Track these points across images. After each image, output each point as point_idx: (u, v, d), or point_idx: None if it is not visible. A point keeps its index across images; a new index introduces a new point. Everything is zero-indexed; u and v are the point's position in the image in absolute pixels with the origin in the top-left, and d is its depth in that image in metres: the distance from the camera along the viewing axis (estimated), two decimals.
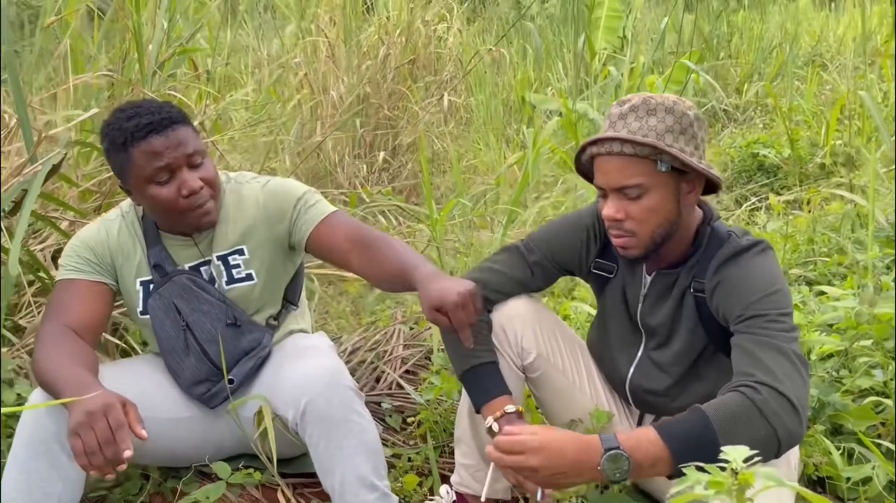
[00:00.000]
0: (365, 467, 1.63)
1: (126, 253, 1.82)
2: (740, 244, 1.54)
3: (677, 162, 1.49)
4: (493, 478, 1.61)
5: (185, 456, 1.88)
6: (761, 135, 4.64)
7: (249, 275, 1.84)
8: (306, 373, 1.67)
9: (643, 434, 1.30)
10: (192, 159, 1.70)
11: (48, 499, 1.60)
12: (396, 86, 4.97)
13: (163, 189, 1.69)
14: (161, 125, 1.66)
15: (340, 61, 4.89)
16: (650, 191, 1.50)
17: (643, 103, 1.51)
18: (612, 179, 1.51)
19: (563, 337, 1.78)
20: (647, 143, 1.46)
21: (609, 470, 1.27)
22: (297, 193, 1.84)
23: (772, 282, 1.47)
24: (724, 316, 1.50)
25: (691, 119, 1.52)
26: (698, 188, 1.56)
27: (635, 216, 1.52)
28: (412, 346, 2.45)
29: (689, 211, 1.58)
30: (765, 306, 1.43)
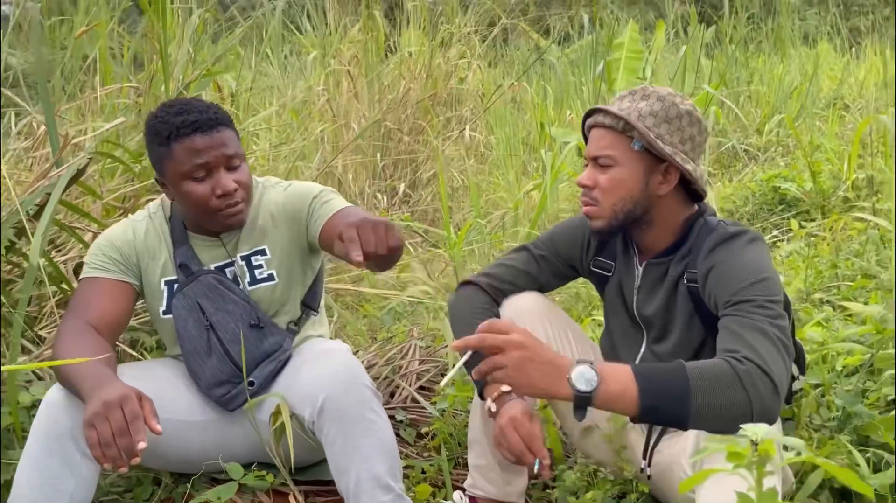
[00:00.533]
0: (381, 467, 1.61)
1: (152, 253, 1.83)
2: (729, 230, 1.59)
3: (646, 142, 1.57)
4: (459, 371, 1.58)
5: (198, 460, 1.86)
6: (783, 170, 4.61)
7: (271, 275, 1.85)
8: (324, 372, 1.67)
9: (619, 366, 1.36)
10: (231, 161, 1.73)
11: (60, 495, 1.59)
12: (417, 120, 5.03)
13: (198, 186, 1.71)
14: (207, 124, 1.69)
15: (362, 95, 4.97)
16: (619, 165, 1.61)
17: (642, 90, 1.63)
18: (591, 147, 1.64)
19: (575, 336, 1.78)
20: (621, 117, 1.58)
21: (576, 380, 1.31)
22: (314, 192, 1.86)
23: (761, 270, 1.51)
24: (714, 301, 1.54)
25: (681, 111, 1.60)
26: (673, 180, 1.61)
27: (601, 185, 1.62)
28: (428, 362, 2.44)
29: (665, 201, 1.63)
30: (753, 292, 1.47)
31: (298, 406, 1.70)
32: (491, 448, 1.73)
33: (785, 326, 1.44)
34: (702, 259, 1.58)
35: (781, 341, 1.41)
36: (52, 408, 1.62)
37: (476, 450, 1.76)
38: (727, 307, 1.48)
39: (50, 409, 1.62)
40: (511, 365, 1.31)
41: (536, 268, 1.81)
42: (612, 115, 1.60)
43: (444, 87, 5.14)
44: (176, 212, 1.86)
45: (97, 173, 2.52)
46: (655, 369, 1.37)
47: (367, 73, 4.88)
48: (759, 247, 1.58)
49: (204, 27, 2.82)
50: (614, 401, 1.33)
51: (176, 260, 1.83)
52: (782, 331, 1.42)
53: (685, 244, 1.64)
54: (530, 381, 1.32)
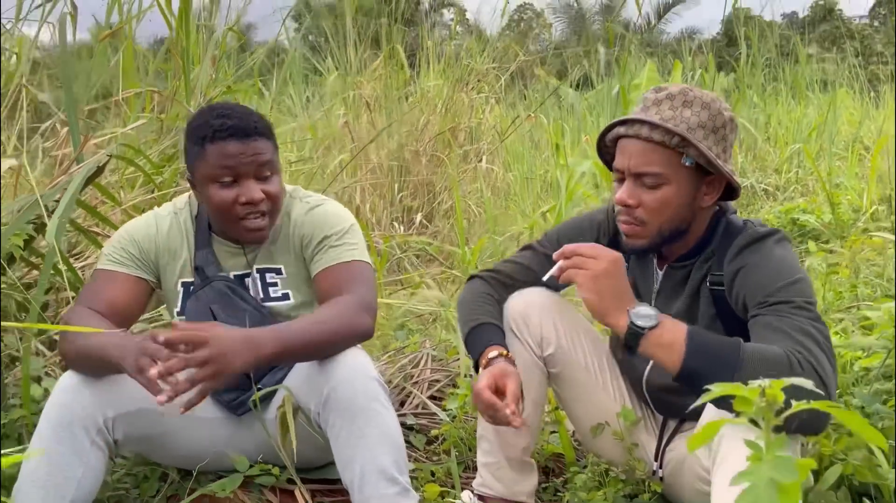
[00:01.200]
0: (386, 459, 1.57)
1: (173, 251, 1.81)
2: (758, 231, 1.51)
3: (703, 159, 1.47)
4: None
5: (206, 457, 1.84)
6: (801, 202, 4.60)
7: (286, 294, 1.82)
8: (331, 364, 1.64)
9: (678, 322, 1.40)
10: (261, 171, 1.69)
11: (68, 482, 1.59)
12: (435, 153, 5.09)
13: (223, 191, 1.68)
14: (244, 132, 1.67)
15: (381, 126, 5.04)
16: (669, 183, 1.49)
17: (681, 93, 1.50)
18: (634, 163, 1.50)
19: (586, 334, 1.74)
20: (677, 133, 1.45)
21: (636, 315, 1.38)
22: (329, 228, 1.78)
23: (795, 270, 1.45)
24: (744, 303, 1.46)
25: (725, 120, 1.51)
26: (717, 191, 1.54)
27: (648, 205, 1.50)
28: (439, 371, 2.42)
29: (702, 213, 1.56)
30: (790, 293, 1.40)
31: (305, 399, 1.67)
32: (500, 444, 1.70)
33: (826, 330, 1.38)
34: (728, 261, 1.51)
35: (828, 345, 1.34)
36: (64, 395, 1.61)
37: (484, 446, 1.73)
38: (762, 307, 1.41)
39: (61, 396, 1.61)
40: (593, 271, 1.39)
41: (540, 266, 1.72)
42: (664, 129, 1.46)
43: (463, 122, 5.21)
44: (202, 212, 1.83)
45: (118, 183, 2.56)
46: (711, 336, 1.38)
47: (386, 105, 4.95)
48: (788, 247, 1.51)
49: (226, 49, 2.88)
50: (661, 347, 1.36)
51: (194, 262, 1.81)
52: (825, 335, 1.36)
53: (709, 246, 1.57)
54: (599, 294, 1.40)
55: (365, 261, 1.77)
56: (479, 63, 5.32)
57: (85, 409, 1.61)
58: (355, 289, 1.69)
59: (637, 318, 1.38)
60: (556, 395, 1.78)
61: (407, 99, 5.38)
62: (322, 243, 1.76)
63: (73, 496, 1.59)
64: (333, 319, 1.62)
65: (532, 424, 1.72)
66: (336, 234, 1.77)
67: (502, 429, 1.67)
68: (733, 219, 1.58)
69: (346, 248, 1.76)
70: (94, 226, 2.37)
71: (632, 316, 1.38)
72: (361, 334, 1.66)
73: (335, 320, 1.62)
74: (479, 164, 4.82)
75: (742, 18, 8.54)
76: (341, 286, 1.71)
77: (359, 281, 1.72)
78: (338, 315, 1.63)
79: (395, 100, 5.06)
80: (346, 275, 1.73)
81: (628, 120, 1.51)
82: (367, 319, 1.67)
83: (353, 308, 1.65)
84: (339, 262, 1.74)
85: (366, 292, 1.70)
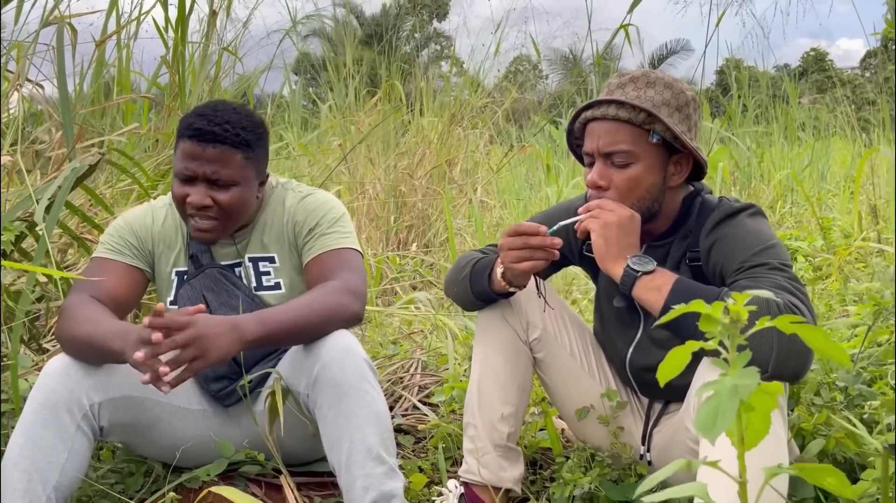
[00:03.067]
0: (373, 438, 1.57)
1: (168, 241, 1.84)
2: (733, 206, 1.55)
3: (669, 134, 1.51)
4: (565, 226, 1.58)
5: (192, 451, 1.83)
6: (793, 230, 4.63)
7: (278, 283, 1.84)
8: (320, 344, 1.64)
9: (670, 272, 1.48)
10: (215, 181, 1.70)
11: (52, 467, 1.58)
12: (431, 186, 5.15)
13: (179, 188, 1.72)
14: (208, 137, 1.67)
15: (378, 161, 5.11)
16: (637, 161, 1.52)
17: (643, 75, 1.55)
18: (602, 143, 1.53)
19: (571, 319, 1.76)
20: (643, 108, 1.49)
21: (634, 260, 1.47)
22: (320, 215, 1.80)
23: (769, 237, 1.48)
24: (721, 273, 1.49)
25: (688, 99, 1.55)
26: (685, 170, 1.57)
27: (619, 185, 1.53)
28: (429, 376, 2.41)
29: (673, 192, 1.59)
30: (765, 257, 1.43)
31: (294, 381, 1.67)
32: (486, 430, 1.69)
33: (803, 287, 1.40)
34: (704, 236, 1.54)
35: (805, 298, 1.36)
36: (50, 379, 1.62)
37: (470, 433, 1.72)
38: (739, 272, 1.43)
39: (48, 380, 1.62)
40: (606, 219, 1.48)
41: None
42: (630, 105, 1.49)
43: (458, 155, 5.28)
44: None
45: (112, 195, 2.60)
46: (698, 283, 1.45)
47: (384, 140, 5.03)
48: (761, 220, 1.54)
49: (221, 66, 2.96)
50: (650, 290, 1.43)
51: (189, 250, 1.84)
52: (803, 291, 1.38)
53: (685, 224, 1.60)
54: (606, 240, 1.48)
55: (354, 249, 1.80)
56: (474, 98, 5.41)
57: (71, 393, 1.61)
58: (342, 274, 1.71)
59: (634, 263, 1.46)
60: (541, 381, 1.78)
61: (404, 134, 5.47)
62: (313, 231, 1.79)
63: (57, 481, 1.58)
64: (318, 302, 1.64)
65: (518, 410, 1.71)
66: (328, 222, 1.79)
67: (493, 421, 1.67)
68: (708, 197, 1.62)
69: (336, 235, 1.78)
70: (86, 233, 2.40)
71: (629, 260, 1.47)
72: (349, 317, 1.67)
73: (320, 303, 1.63)
74: (473, 196, 4.86)
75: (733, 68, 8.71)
76: (330, 272, 1.72)
77: (347, 267, 1.74)
78: (322, 298, 1.65)
79: (392, 134, 5.14)
80: (335, 262, 1.75)
81: (594, 102, 1.55)
82: (355, 302, 1.68)
83: (339, 291, 1.66)
84: (328, 250, 1.77)
85: (353, 277, 1.72)
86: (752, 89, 8.63)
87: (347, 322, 1.67)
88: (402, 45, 10.21)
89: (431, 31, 20.98)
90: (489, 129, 5.66)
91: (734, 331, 0.89)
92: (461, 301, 1.76)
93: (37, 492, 1.55)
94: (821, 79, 16.87)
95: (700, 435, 0.79)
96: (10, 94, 2.07)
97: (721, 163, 4.96)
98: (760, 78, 9.26)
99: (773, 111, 8.66)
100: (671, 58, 18.56)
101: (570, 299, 3.38)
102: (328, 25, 5.03)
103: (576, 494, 1.64)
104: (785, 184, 6.94)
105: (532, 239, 1.49)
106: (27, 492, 1.55)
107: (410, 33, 14.96)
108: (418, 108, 5.55)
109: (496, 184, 5.38)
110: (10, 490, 1.55)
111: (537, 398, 1.95)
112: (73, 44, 2.54)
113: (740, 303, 0.88)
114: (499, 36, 4.82)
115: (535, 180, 6.73)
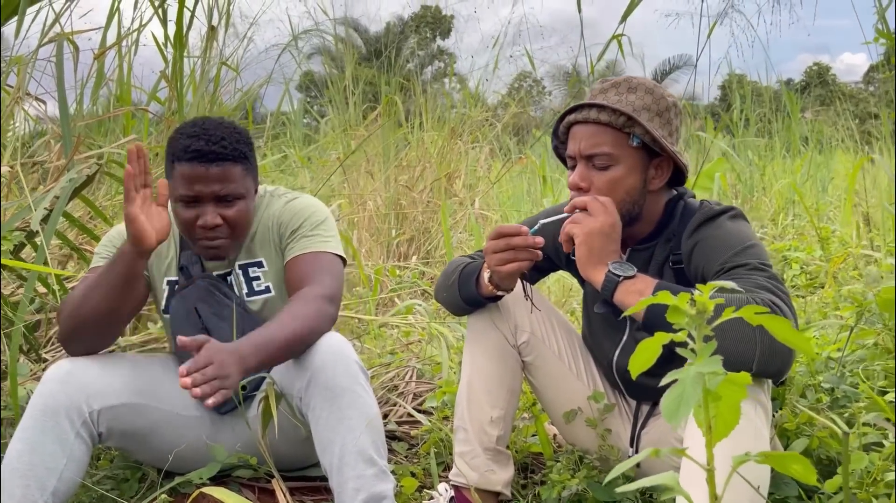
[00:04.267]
0: (365, 440, 1.58)
1: (160, 251, 1.85)
2: (713, 209, 1.57)
3: (648, 137, 1.54)
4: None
5: (189, 455, 1.84)
6: (793, 241, 4.64)
7: (268, 287, 1.86)
8: (313, 349, 1.66)
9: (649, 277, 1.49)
10: (223, 198, 1.72)
11: (51, 474, 1.60)
12: (431, 200, 5.18)
13: (185, 211, 1.72)
14: (208, 157, 1.67)
15: (378, 174, 5.15)
16: (618, 163, 1.55)
17: (625, 81, 1.59)
18: (584, 145, 1.56)
19: (559, 322, 1.78)
20: (623, 112, 1.52)
21: (615, 266, 1.48)
22: (303, 217, 1.82)
23: (748, 238, 1.50)
24: (702, 276, 1.51)
25: (668, 104, 1.59)
26: (666, 174, 1.60)
27: (599, 187, 1.55)
28: (425, 384, 2.43)
29: (653, 197, 1.61)
30: (744, 257, 1.45)
31: (288, 383, 1.69)
32: (476, 433, 1.70)
33: (784, 286, 1.41)
34: (685, 238, 1.57)
35: (786, 297, 1.38)
36: (50, 385, 1.64)
37: (460, 436, 1.74)
38: (719, 274, 1.44)
39: (48, 386, 1.64)
40: (589, 227, 1.49)
41: None
42: (611, 109, 1.52)
43: (458, 169, 5.32)
44: None
45: (111, 207, 2.63)
46: (678, 287, 1.45)
47: (384, 153, 5.07)
48: (741, 222, 1.56)
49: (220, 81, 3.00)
50: (631, 294, 1.44)
51: (179, 261, 1.86)
52: (783, 290, 1.39)
53: (668, 227, 1.62)
54: (589, 248, 1.49)
55: (335, 254, 1.81)
56: (474, 113, 5.46)
57: (71, 400, 1.63)
58: (321, 278, 1.73)
59: (615, 268, 1.47)
60: (529, 384, 1.80)
61: (405, 148, 5.51)
62: (296, 232, 1.81)
63: (55, 487, 1.60)
64: (303, 314, 1.64)
65: (507, 414, 1.73)
66: (310, 225, 1.81)
67: (483, 423, 1.69)
68: (691, 201, 1.64)
69: (318, 238, 1.80)
70: (85, 244, 2.43)
71: (611, 266, 1.48)
72: (329, 323, 1.69)
73: (304, 315, 1.64)
74: (471, 208, 4.90)
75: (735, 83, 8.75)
76: (308, 276, 1.74)
77: (326, 271, 1.75)
78: (305, 309, 1.65)
79: (392, 147, 5.18)
80: (314, 266, 1.76)
81: (577, 106, 1.59)
82: (331, 309, 1.70)
83: (319, 298, 1.68)
84: (309, 252, 1.78)
85: (331, 282, 1.73)
86: (755, 104, 8.66)
87: (325, 331, 1.68)
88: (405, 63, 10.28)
89: (435, 49, 21.15)
90: (489, 143, 5.69)
91: (700, 322, 0.92)
92: (450, 306, 1.79)
93: (34, 497, 1.57)
94: (823, 93, 16.90)
95: (666, 420, 0.81)
96: (10, 107, 2.11)
97: (718, 173, 4.98)
98: (763, 92, 9.30)
99: (775, 125, 8.70)
100: (674, 73, 18.62)
101: (566, 309, 3.39)
102: (328, 41, 5.08)
103: (563, 495, 1.65)
104: (786, 196, 6.95)
105: (514, 239, 1.51)
106: (25, 497, 1.57)
107: (414, 51, 15.08)
108: (418, 122, 5.60)
109: (496, 196, 5.41)
110: (8, 495, 1.57)
111: (528, 403, 1.96)
112: (74, 59, 2.59)
113: (707, 297, 0.90)
114: (496, 52, 4.86)
115: (535, 192, 6.76)
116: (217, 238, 1.74)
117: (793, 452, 0.80)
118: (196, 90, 2.85)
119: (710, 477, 0.90)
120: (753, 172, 7.63)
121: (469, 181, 5.51)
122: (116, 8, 2.44)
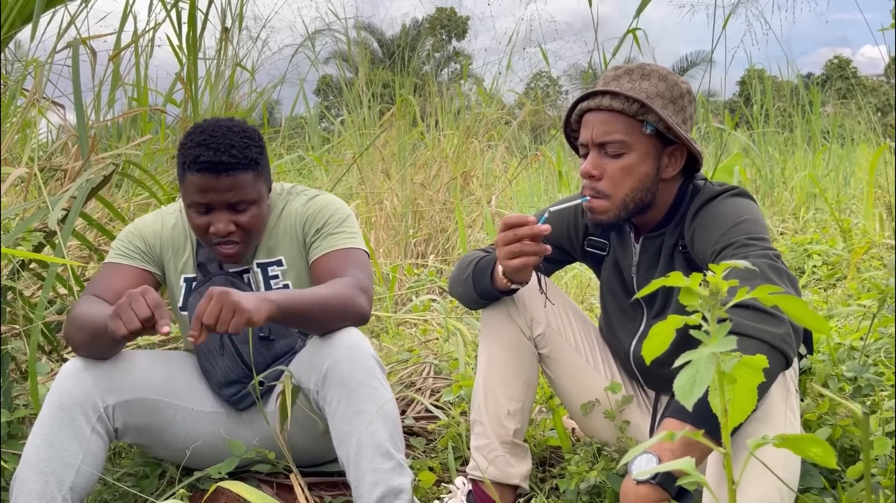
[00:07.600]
0: (382, 433, 1.59)
1: (177, 248, 1.87)
2: (714, 191, 1.55)
3: (662, 124, 1.51)
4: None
5: (205, 453, 1.85)
6: (814, 234, 4.59)
7: (287, 285, 1.86)
8: (329, 340, 1.66)
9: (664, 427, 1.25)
10: (235, 205, 1.72)
11: (68, 469, 1.61)
12: (448, 198, 5.18)
13: (198, 218, 1.74)
14: (217, 167, 1.67)
15: (393, 174, 5.16)
16: (631, 151, 1.53)
17: (638, 68, 1.57)
18: (596, 133, 1.54)
19: (575, 314, 1.76)
20: (637, 99, 1.50)
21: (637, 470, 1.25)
22: (328, 214, 1.83)
23: (739, 214, 1.46)
24: (702, 260, 1.49)
25: (682, 91, 1.57)
26: (679, 162, 1.57)
27: (611, 175, 1.53)
28: (443, 380, 2.43)
29: (667, 185, 1.59)
30: (732, 235, 1.42)
31: (305, 378, 1.70)
32: (493, 427, 1.69)
33: (776, 253, 1.38)
34: (688, 223, 1.55)
35: (779, 263, 1.35)
36: (66, 381, 1.66)
37: (477, 430, 1.73)
38: (713, 257, 1.42)
39: (63, 382, 1.66)
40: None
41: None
42: (624, 96, 1.50)
43: (474, 168, 5.31)
44: None
45: (129, 208, 2.65)
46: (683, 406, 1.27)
47: (399, 153, 5.07)
48: (739, 200, 1.53)
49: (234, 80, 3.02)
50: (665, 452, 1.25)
51: (197, 258, 1.87)
52: (774, 258, 1.36)
53: (678, 213, 1.61)
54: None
55: (362, 249, 1.82)
56: (489, 112, 5.45)
57: (86, 395, 1.65)
58: (351, 272, 1.74)
59: (637, 472, 1.27)
60: (546, 376, 1.79)
61: (422, 148, 5.52)
62: (321, 230, 1.81)
63: (73, 482, 1.61)
64: (333, 292, 1.67)
65: (524, 406, 1.72)
66: (335, 222, 1.82)
67: (501, 417, 1.68)
68: (699, 184, 1.62)
69: (344, 235, 1.81)
70: (104, 244, 2.45)
71: (632, 469, 1.28)
72: (358, 314, 1.69)
73: (335, 293, 1.66)
74: (487, 207, 4.88)
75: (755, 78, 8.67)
76: (338, 270, 1.75)
77: (356, 265, 1.77)
78: (337, 290, 1.67)
79: (408, 147, 5.19)
80: (343, 261, 1.77)
81: (590, 93, 1.57)
82: (364, 300, 1.70)
83: (351, 286, 1.69)
84: (336, 249, 1.79)
85: (362, 275, 1.74)
86: (776, 98, 8.57)
87: (357, 317, 1.69)
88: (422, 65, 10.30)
89: (451, 51, 21.16)
90: (505, 141, 5.68)
91: (714, 304, 0.90)
92: (465, 300, 1.78)
93: (53, 492, 1.59)
94: (844, 87, 16.70)
95: (679, 400, 0.80)
96: (26, 109, 2.13)
97: (737, 166, 4.93)
98: (784, 87, 9.21)
99: (796, 119, 8.61)
100: (692, 69, 18.49)
101: (585, 306, 3.37)
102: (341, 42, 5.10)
103: (582, 487, 1.64)
104: (807, 190, 6.87)
105: (520, 230, 1.49)
106: (43, 492, 1.58)
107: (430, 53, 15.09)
108: (433, 122, 5.61)
109: (513, 194, 5.40)
110: (26, 491, 1.59)
111: (545, 396, 1.95)
112: (91, 63, 2.61)
113: (719, 279, 0.89)
114: (510, 49, 4.85)
115: (552, 189, 6.73)
116: (231, 243, 1.75)
117: (811, 435, 0.79)
118: (212, 92, 2.87)
119: (727, 461, 0.88)
120: (774, 167, 7.56)
121: (485, 180, 5.50)
122: (130, 9, 2.46)
